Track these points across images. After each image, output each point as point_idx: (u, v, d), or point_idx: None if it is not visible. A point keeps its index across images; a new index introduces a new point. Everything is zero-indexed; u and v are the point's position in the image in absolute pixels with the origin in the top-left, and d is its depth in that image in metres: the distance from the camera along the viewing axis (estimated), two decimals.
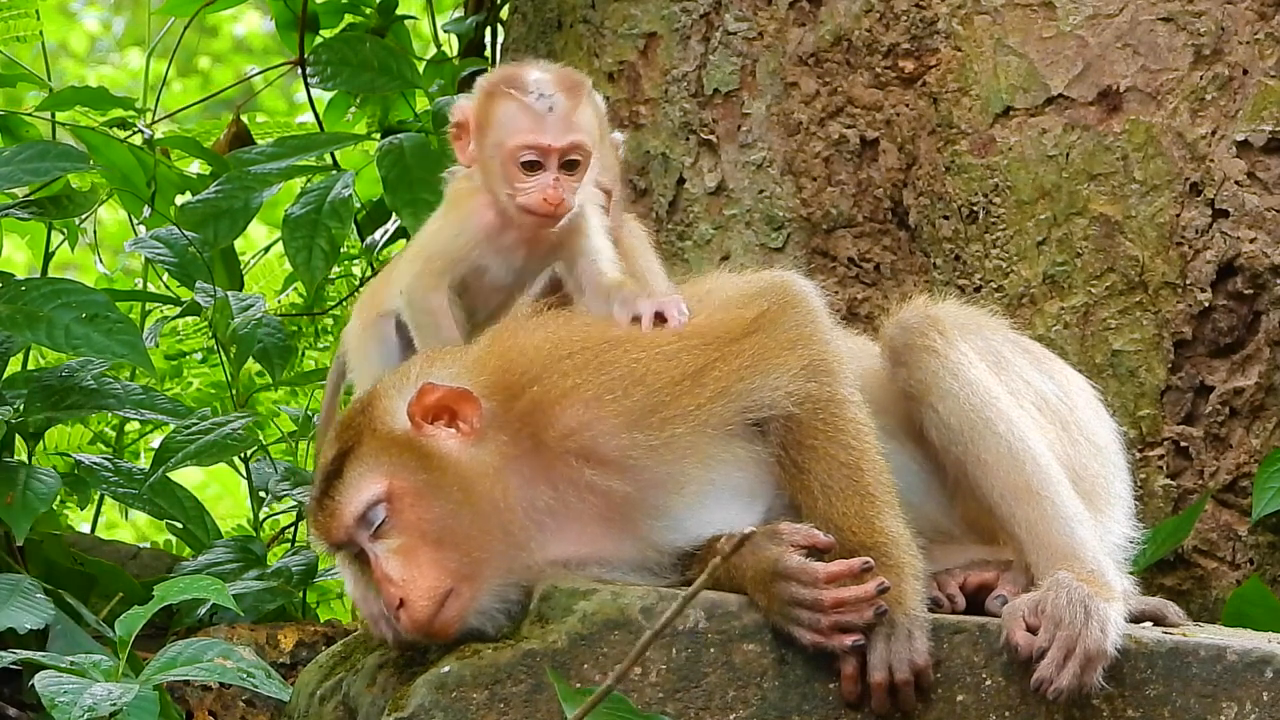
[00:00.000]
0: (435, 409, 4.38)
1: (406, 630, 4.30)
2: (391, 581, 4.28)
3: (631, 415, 4.34)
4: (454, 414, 4.38)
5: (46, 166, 5.82)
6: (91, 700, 4.29)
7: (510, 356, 4.44)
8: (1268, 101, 5.75)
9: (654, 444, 4.34)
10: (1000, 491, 4.45)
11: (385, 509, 4.32)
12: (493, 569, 4.32)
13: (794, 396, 4.39)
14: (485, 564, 4.31)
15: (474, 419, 4.37)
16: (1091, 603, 4.28)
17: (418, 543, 4.30)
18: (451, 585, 4.28)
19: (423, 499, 4.32)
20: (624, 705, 4.17)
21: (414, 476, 4.33)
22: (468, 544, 4.30)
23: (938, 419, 4.49)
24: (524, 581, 4.36)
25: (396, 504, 4.32)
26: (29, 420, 5.77)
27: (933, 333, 4.53)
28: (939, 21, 5.93)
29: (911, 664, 4.25)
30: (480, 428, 4.37)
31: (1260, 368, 5.73)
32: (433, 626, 4.28)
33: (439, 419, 4.38)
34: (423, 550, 4.29)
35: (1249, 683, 4.36)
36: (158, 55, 7.44)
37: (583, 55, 6.37)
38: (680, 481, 4.37)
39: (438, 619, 4.28)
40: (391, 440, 4.37)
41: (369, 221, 7.11)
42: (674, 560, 4.43)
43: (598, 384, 4.35)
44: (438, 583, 4.27)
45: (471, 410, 4.37)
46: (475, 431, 4.37)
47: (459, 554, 4.29)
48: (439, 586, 4.27)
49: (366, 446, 4.38)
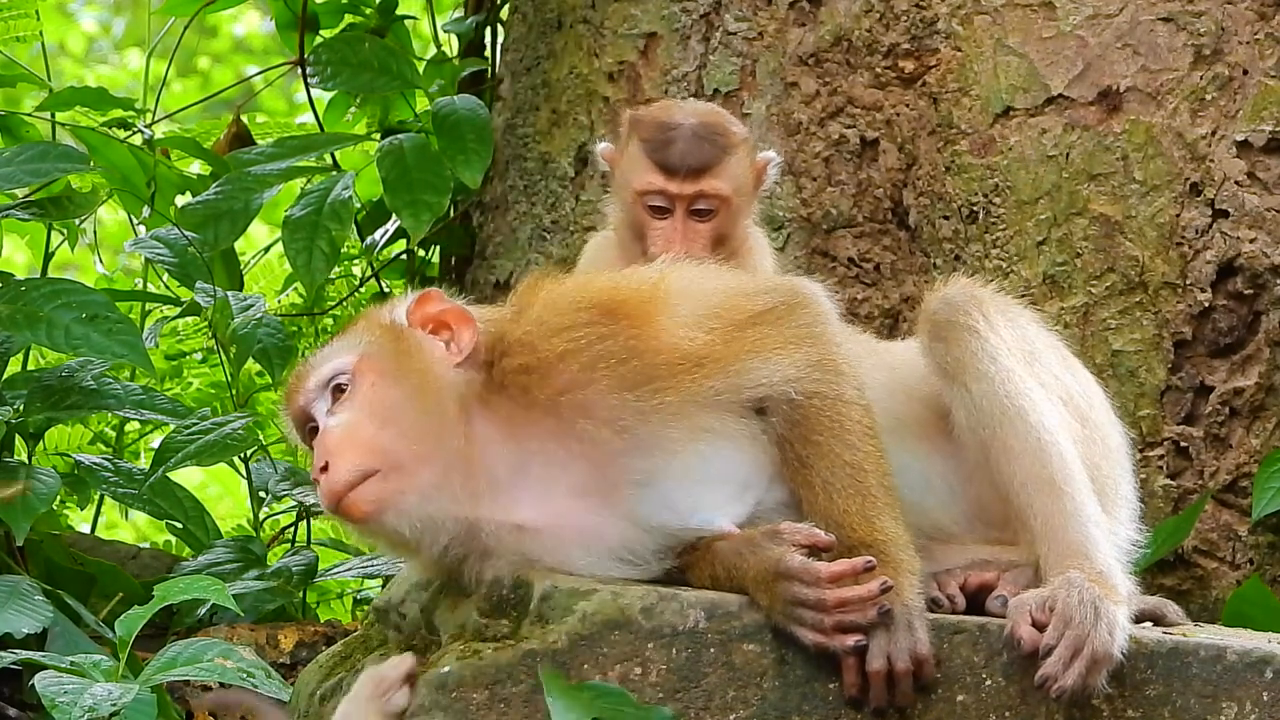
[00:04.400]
0: (434, 319, 4.45)
1: (323, 500, 4.31)
2: (325, 446, 4.31)
3: (625, 382, 4.34)
4: (449, 332, 4.43)
5: (47, 167, 5.82)
6: (91, 700, 4.29)
7: (516, 313, 4.48)
8: (1268, 101, 5.75)
9: (644, 407, 4.33)
10: (1022, 480, 4.44)
11: (348, 380, 4.36)
12: (429, 473, 4.31)
13: (797, 385, 4.39)
14: (423, 463, 4.31)
15: (465, 342, 4.41)
16: (1102, 604, 4.28)
17: (364, 419, 4.32)
18: (379, 467, 4.28)
19: (384, 380, 4.36)
20: (624, 700, 4.18)
21: (384, 360, 4.38)
22: (410, 436, 4.31)
23: (969, 399, 4.49)
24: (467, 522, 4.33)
25: (359, 379, 4.37)
26: (29, 420, 5.78)
27: (976, 313, 4.53)
28: (939, 21, 5.93)
29: (913, 653, 4.25)
30: (467, 355, 4.40)
31: (1260, 368, 5.73)
32: (346, 500, 4.27)
33: (434, 330, 4.44)
34: (366, 427, 4.31)
35: (1249, 683, 4.36)
36: (158, 55, 7.43)
37: (583, 55, 6.37)
38: (669, 448, 4.36)
39: (353, 494, 4.27)
40: (379, 325, 4.46)
41: (369, 222, 7.11)
42: (658, 547, 4.40)
43: (594, 352, 4.36)
44: (367, 460, 4.28)
45: (466, 334, 4.42)
46: (462, 354, 4.41)
47: (399, 441, 4.30)
48: (366, 463, 4.28)
49: (357, 327, 4.48)
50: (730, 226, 5.06)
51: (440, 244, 7.04)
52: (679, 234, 4.99)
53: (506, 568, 4.38)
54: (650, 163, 5.01)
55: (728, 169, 5.03)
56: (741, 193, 5.06)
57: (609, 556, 4.39)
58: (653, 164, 5.01)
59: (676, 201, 5.01)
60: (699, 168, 5.00)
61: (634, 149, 5.07)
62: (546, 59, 6.51)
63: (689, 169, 5.00)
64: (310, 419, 4.42)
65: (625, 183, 5.07)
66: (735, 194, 5.04)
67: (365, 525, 4.34)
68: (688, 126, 5.04)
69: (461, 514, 4.34)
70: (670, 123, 5.05)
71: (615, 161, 5.15)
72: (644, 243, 5.01)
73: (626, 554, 4.40)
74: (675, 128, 5.04)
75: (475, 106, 6.63)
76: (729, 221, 5.05)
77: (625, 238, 5.11)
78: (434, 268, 7.15)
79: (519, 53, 6.65)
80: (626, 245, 5.09)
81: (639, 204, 5.02)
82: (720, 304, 4.46)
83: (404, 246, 7.05)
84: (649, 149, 5.03)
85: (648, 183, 5.01)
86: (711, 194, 5.01)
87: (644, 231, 5.02)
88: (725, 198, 5.01)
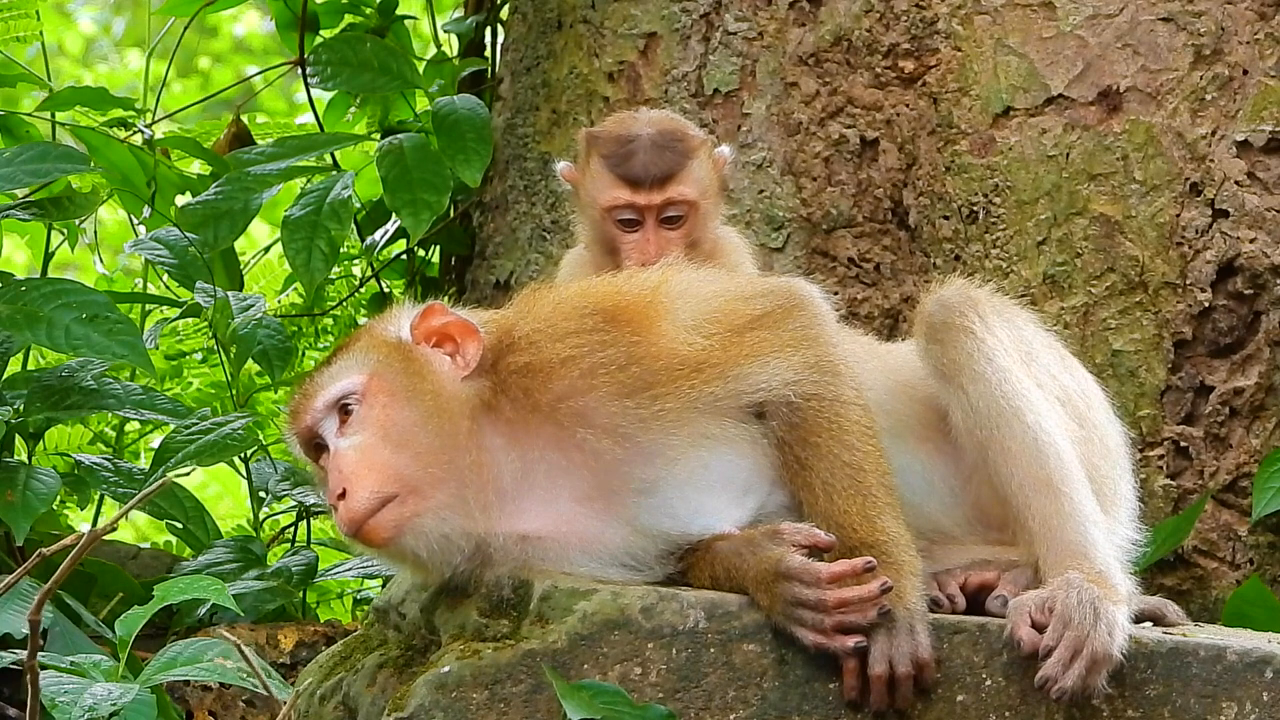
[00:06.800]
0: (438, 332, 4.44)
1: (342, 525, 4.30)
2: (340, 472, 4.29)
3: (625, 388, 4.34)
4: (454, 344, 4.42)
5: (47, 167, 5.82)
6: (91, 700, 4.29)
7: (520, 317, 4.48)
8: (1268, 101, 5.75)
9: (644, 414, 4.34)
10: (1020, 481, 4.44)
11: (358, 401, 4.35)
12: (445, 494, 4.31)
13: (795, 388, 4.39)
14: (439, 484, 4.30)
15: (471, 355, 4.40)
16: (1101, 605, 4.28)
17: (378, 443, 4.31)
18: (397, 492, 4.28)
19: (396, 401, 4.34)
20: (622, 699, 4.18)
21: (395, 380, 4.37)
22: (426, 458, 4.30)
23: (966, 401, 4.49)
24: (477, 536, 4.33)
25: (370, 400, 4.35)
26: (29, 420, 5.77)
27: (972, 314, 4.53)
28: (939, 21, 5.93)
29: (914, 657, 4.25)
30: (474, 367, 4.39)
31: (1260, 368, 5.73)
32: (365, 526, 4.27)
33: (439, 344, 4.42)
34: (381, 451, 4.30)
35: (1249, 683, 4.36)
36: (158, 55, 7.43)
37: (583, 55, 6.37)
38: (670, 456, 4.36)
39: (373, 520, 4.27)
40: (385, 343, 4.43)
41: (369, 222, 7.11)
42: (659, 552, 4.41)
43: (595, 359, 4.35)
44: (384, 484, 4.28)
45: (471, 345, 4.42)
46: (469, 367, 4.40)
47: (415, 465, 4.30)
48: (385, 488, 4.27)
49: (361, 343, 4.45)
50: (700, 230, 5.07)
51: (440, 244, 7.04)
52: (652, 244, 5.00)
53: (508, 571, 4.39)
54: (614, 177, 5.02)
55: (691, 173, 5.04)
56: (708, 195, 5.08)
57: (612, 562, 4.40)
58: (617, 178, 5.02)
59: (645, 212, 5.02)
60: (663, 176, 5.02)
61: (596, 165, 5.07)
62: (546, 59, 6.51)
63: (653, 178, 5.01)
64: (318, 438, 4.41)
65: (591, 200, 5.07)
66: (702, 197, 5.05)
67: (384, 550, 4.34)
68: (646, 137, 5.05)
69: (474, 529, 4.34)
70: (628, 135, 5.06)
71: (577, 180, 5.15)
72: (617, 257, 5.02)
73: (629, 559, 4.41)
74: (634, 139, 5.05)
75: (475, 106, 6.63)
76: (699, 226, 5.06)
77: (597, 253, 5.12)
78: (434, 268, 7.15)
79: (519, 53, 6.65)
80: (600, 261, 5.09)
81: (608, 220, 5.03)
82: (718, 308, 4.46)
83: (404, 246, 7.05)
84: (611, 164, 5.04)
85: (614, 197, 5.01)
86: (679, 200, 5.02)
87: (616, 246, 5.03)
88: (693, 202, 5.03)
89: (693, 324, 4.43)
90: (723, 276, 4.65)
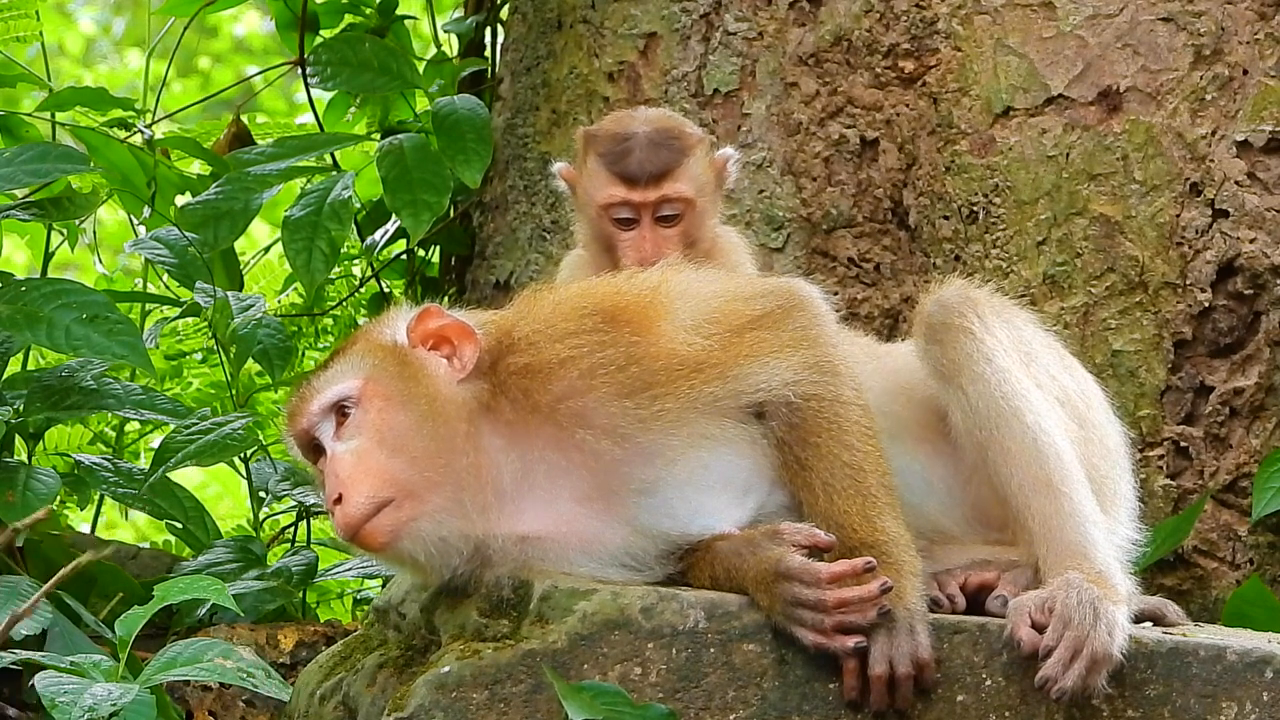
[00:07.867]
0: (435, 335, 4.44)
1: (339, 529, 4.31)
2: (337, 476, 4.30)
3: (624, 389, 4.34)
4: (451, 347, 4.42)
5: (47, 167, 5.81)
6: (91, 700, 4.29)
7: (519, 318, 4.48)
8: (1268, 101, 5.75)
9: (643, 415, 4.34)
10: (1019, 482, 4.45)
11: (354, 405, 4.35)
12: (441, 498, 4.31)
13: (795, 388, 4.39)
14: (435, 488, 4.31)
15: (468, 357, 4.40)
16: (1101, 605, 4.28)
17: (374, 447, 4.32)
18: (394, 496, 4.29)
19: (392, 405, 4.35)
20: (622, 700, 4.18)
21: (391, 384, 4.37)
22: (423, 461, 4.31)
23: (965, 401, 4.49)
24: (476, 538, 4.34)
25: (366, 404, 4.36)
26: (29, 420, 5.77)
27: (971, 314, 4.53)
28: (939, 21, 5.93)
29: (914, 657, 4.25)
30: (471, 370, 4.40)
31: (1260, 368, 5.73)
32: (362, 530, 4.28)
33: (435, 347, 4.42)
34: (377, 455, 4.31)
35: (1249, 683, 4.36)
36: (157, 55, 7.43)
37: (583, 55, 6.37)
38: (670, 456, 4.36)
39: (369, 524, 4.28)
40: (381, 347, 4.44)
41: (369, 222, 7.11)
42: (659, 552, 4.41)
43: (594, 360, 4.36)
44: (380, 489, 4.28)
45: (468, 348, 4.42)
46: (465, 370, 4.40)
47: (412, 468, 4.30)
48: (380, 493, 4.28)
49: (358, 347, 4.46)
50: (697, 228, 5.08)
51: (440, 244, 7.04)
52: (648, 242, 5.00)
53: (508, 571, 4.39)
54: (610, 175, 5.03)
55: (688, 171, 5.05)
56: (704, 193, 5.08)
57: (612, 563, 4.40)
58: (613, 176, 5.03)
59: (641, 210, 5.02)
60: (659, 173, 5.02)
61: (592, 164, 5.08)
62: (546, 59, 6.51)
63: (649, 175, 5.02)
64: (314, 440, 4.42)
65: (588, 199, 5.08)
66: (698, 195, 5.05)
67: (382, 553, 4.35)
68: (643, 134, 5.05)
69: (473, 531, 4.34)
70: (625, 133, 5.07)
71: (574, 180, 5.16)
72: (615, 256, 5.02)
73: (629, 559, 4.41)
74: (630, 137, 5.05)
75: (475, 106, 6.63)
76: (695, 223, 5.07)
77: (595, 253, 5.12)
78: (434, 268, 7.15)
79: (519, 53, 6.65)
80: (598, 260, 5.10)
81: (604, 218, 5.04)
82: (718, 309, 4.46)
83: (404, 246, 7.05)
84: (607, 162, 5.04)
85: (610, 195, 5.02)
86: (675, 198, 5.03)
87: (613, 244, 5.03)
88: (689, 200, 5.03)
89: (692, 324, 4.43)
90: (722, 277, 4.65)
